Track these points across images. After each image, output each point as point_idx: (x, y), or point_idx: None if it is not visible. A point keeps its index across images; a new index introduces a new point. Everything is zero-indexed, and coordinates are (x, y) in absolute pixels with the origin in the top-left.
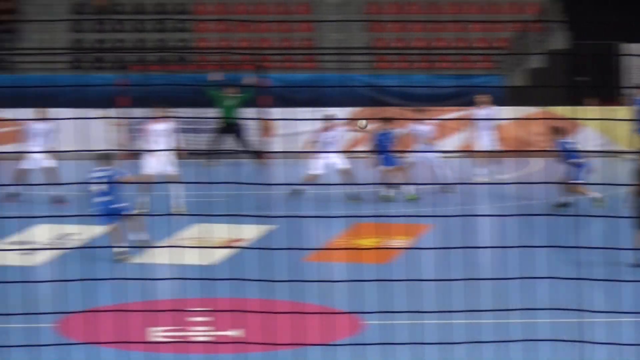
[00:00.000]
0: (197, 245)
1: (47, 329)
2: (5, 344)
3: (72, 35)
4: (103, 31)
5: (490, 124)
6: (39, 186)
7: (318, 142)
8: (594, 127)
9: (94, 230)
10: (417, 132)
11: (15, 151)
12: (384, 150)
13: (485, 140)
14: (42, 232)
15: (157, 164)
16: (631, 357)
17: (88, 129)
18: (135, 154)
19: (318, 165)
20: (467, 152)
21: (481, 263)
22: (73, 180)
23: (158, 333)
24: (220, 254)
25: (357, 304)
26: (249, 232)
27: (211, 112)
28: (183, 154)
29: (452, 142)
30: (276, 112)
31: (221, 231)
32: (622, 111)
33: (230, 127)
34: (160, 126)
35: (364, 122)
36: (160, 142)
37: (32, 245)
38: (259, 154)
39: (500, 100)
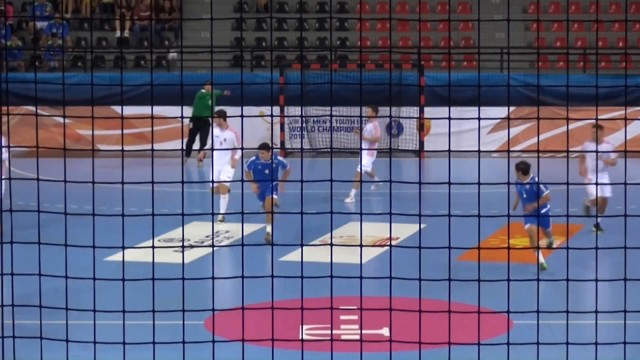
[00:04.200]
0: (348, 243)
1: (196, 326)
2: (154, 341)
3: (234, 33)
4: (264, 29)
5: None
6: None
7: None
8: None
9: (246, 229)
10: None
11: (175, 149)
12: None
13: None
14: (194, 230)
15: None
16: None
17: (250, 127)
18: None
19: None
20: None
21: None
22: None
23: (308, 331)
24: (373, 253)
25: (508, 305)
26: (402, 231)
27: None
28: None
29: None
30: (434, 111)
31: (374, 230)
32: None
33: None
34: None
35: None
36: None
37: (185, 242)
38: (417, 152)
39: None
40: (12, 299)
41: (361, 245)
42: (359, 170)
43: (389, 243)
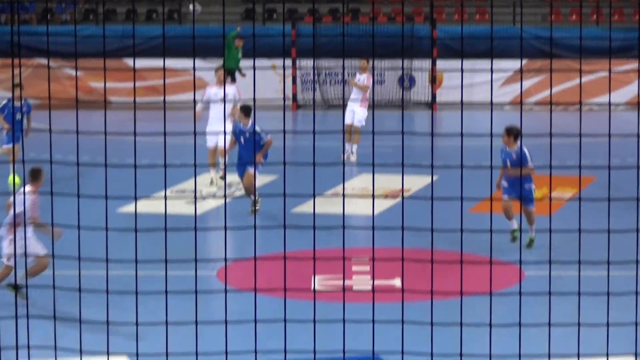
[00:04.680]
0: (362, 194)
1: (208, 277)
2: (166, 290)
3: None
4: None
5: None
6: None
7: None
8: None
9: (258, 181)
10: None
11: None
12: None
13: None
14: (206, 181)
15: None
16: None
17: (262, 80)
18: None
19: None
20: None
21: None
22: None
23: (320, 282)
24: (384, 205)
25: (520, 255)
26: (413, 182)
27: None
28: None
29: (622, 94)
30: (446, 64)
31: (385, 182)
32: None
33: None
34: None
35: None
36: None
37: (197, 194)
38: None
39: None
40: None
41: (373, 196)
42: (350, 122)
43: (400, 195)
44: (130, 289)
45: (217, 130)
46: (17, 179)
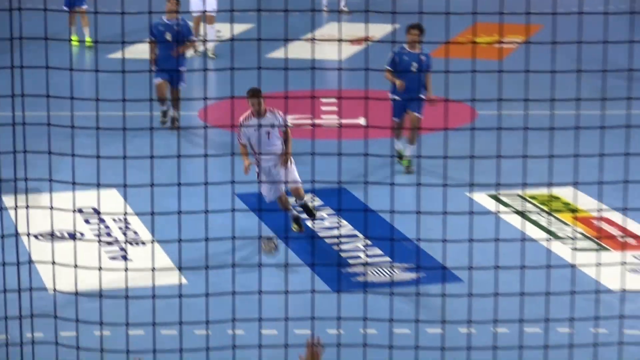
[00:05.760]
0: (331, 39)
1: (190, 116)
2: (151, 128)
3: None
4: None
5: None
6: None
7: None
8: None
9: (236, 29)
10: None
11: None
12: None
13: None
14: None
15: None
16: None
17: None
18: None
19: None
20: None
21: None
22: None
23: (293, 120)
24: (350, 51)
25: (473, 94)
26: (376, 30)
27: None
28: None
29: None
30: None
31: (350, 29)
32: None
33: None
34: None
35: None
36: None
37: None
38: None
39: None
40: (22, 90)
41: (340, 40)
42: None
43: (365, 41)
44: (119, 126)
45: None
46: None
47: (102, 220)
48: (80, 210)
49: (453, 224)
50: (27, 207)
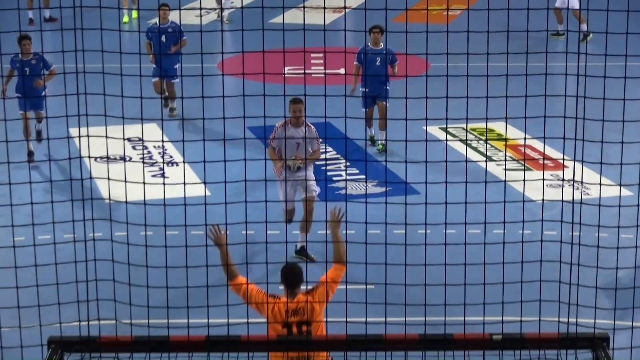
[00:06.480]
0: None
1: (211, 67)
2: (182, 75)
3: None
4: None
5: None
6: None
7: None
8: None
9: None
10: None
11: None
12: None
13: None
14: None
15: None
16: None
17: None
18: None
19: None
20: None
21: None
22: None
23: (289, 70)
24: (333, 16)
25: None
26: (352, 1)
27: None
28: None
29: None
30: None
31: (334, 0)
32: None
33: None
34: None
35: None
36: None
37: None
38: None
39: None
40: (82, 46)
41: (325, 8)
42: None
43: (344, 8)
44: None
45: None
46: None
47: (145, 147)
48: (128, 139)
49: (413, 150)
50: (88, 136)
